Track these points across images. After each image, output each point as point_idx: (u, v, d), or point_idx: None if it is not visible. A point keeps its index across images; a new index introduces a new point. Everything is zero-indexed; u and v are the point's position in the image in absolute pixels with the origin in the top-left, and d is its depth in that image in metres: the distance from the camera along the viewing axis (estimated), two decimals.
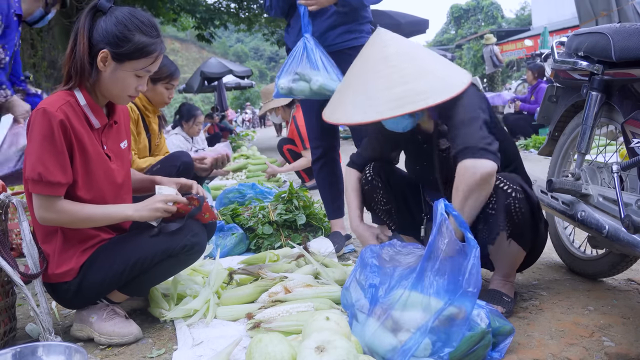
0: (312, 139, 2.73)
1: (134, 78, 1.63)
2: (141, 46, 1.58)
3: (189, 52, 69.42)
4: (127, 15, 1.59)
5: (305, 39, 2.34)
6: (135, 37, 1.58)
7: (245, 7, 12.24)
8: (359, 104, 1.70)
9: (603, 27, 1.75)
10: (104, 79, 1.61)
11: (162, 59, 3.02)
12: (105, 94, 1.66)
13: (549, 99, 2.23)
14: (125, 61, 1.59)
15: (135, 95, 1.68)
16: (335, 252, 2.54)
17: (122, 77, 1.61)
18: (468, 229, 1.46)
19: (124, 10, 1.60)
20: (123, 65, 1.59)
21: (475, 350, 1.35)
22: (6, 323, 1.69)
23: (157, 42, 1.63)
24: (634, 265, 2.03)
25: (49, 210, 1.56)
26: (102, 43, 1.57)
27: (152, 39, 1.61)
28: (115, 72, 1.60)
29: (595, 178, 1.86)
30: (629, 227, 1.46)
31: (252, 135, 11.49)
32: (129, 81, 1.63)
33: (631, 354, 1.45)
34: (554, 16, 22.47)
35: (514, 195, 1.63)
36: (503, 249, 1.70)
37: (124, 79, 1.61)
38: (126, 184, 1.82)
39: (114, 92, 1.65)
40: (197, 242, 1.76)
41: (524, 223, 1.66)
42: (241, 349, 1.55)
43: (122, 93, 1.65)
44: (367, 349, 1.42)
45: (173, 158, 2.67)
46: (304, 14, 2.36)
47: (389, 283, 1.48)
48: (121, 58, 1.58)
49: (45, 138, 1.52)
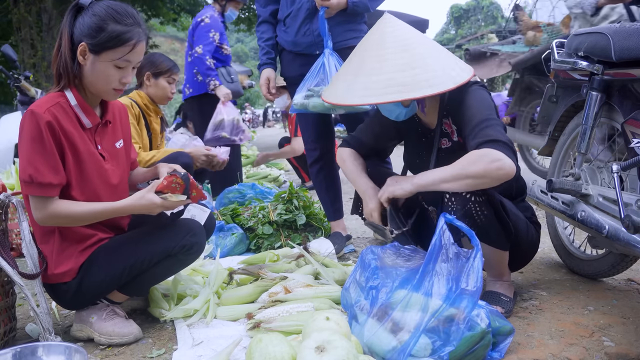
0: (308, 141, 2.69)
1: (114, 69, 1.61)
2: (115, 34, 1.57)
3: None
4: (103, 7, 1.59)
5: (325, 55, 2.32)
6: (109, 26, 1.57)
7: (245, 7, 12.23)
8: (343, 85, 1.69)
9: (603, 27, 1.75)
10: (86, 73, 1.61)
11: (159, 57, 2.99)
12: (91, 90, 1.65)
13: (549, 99, 2.23)
14: (102, 52, 1.58)
15: (122, 88, 1.66)
16: (335, 253, 2.54)
17: (102, 69, 1.60)
18: (472, 232, 1.47)
19: (101, 4, 1.60)
20: (100, 56, 1.58)
21: (475, 350, 1.35)
22: (6, 323, 1.69)
23: (132, 29, 1.60)
24: (634, 265, 2.03)
25: (44, 211, 1.56)
26: (80, 37, 1.58)
27: (127, 27, 1.59)
28: (95, 65, 1.59)
29: (595, 178, 1.86)
30: (629, 227, 1.46)
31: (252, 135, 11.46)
32: (109, 73, 1.61)
33: (631, 354, 1.45)
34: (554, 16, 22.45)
35: (473, 199, 1.62)
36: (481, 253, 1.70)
37: (104, 70, 1.60)
38: (122, 184, 1.80)
39: (98, 87, 1.63)
40: (196, 241, 1.76)
41: (488, 225, 1.64)
42: (241, 349, 1.55)
43: (106, 86, 1.63)
44: (367, 349, 1.42)
45: (172, 159, 2.67)
46: (322, 21, 2.32)
47: (389, 284, 1.48)
48: (97, 49, 1.57)
49: (34, 140, 1.52)
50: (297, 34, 2.44)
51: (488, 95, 1.74)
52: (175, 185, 1.66)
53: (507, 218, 1.68)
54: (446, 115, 1.83)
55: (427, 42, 1.76)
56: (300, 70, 2.44)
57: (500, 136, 1.57)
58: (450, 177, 1.59)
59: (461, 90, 1.72)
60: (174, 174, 1.67)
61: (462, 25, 42.14)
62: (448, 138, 1.85)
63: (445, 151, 1.85)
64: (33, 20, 7.66)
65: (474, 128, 1.62)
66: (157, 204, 1.62)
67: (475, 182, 1.56)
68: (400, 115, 1.81)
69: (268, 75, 2.56)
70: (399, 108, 1.78)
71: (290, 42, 2.49)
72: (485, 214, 1.63)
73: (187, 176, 1.69)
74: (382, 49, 1.68)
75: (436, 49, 1.77)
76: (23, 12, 7.59)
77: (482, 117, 1.63)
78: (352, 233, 3.01)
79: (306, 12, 2.40)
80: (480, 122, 1.62)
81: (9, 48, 4.14)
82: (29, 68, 7.44)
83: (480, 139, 1.58)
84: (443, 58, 1.73)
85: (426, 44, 1.74)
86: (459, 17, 42.82)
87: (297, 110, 2.39)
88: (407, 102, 1.74)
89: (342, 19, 2.43)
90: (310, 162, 2.71)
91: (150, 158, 2.71)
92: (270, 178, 5.33)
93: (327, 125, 2.67)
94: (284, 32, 2.53)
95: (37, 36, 7.67)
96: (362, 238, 2.99)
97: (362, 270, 1.61)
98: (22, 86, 4.14)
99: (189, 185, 1.69)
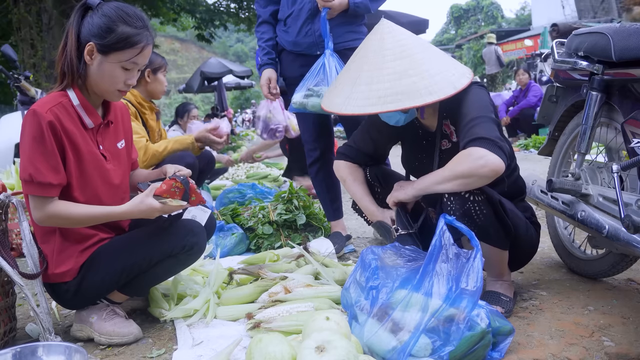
0: (308, 141, 2.69)
1: (121, 71, 1.62)
2: (124, 36, 1.57)
3: (189, 52, 69.42)
4: (112, 8, 1.59)
5: (325, 56, 2.31)
6: (119, 27, 1.57)
7: (245, 7, 12.22)
8: (343, 93, 1.70)
9: (603, 27, 1.75)
10: (92, 73, 1.61)
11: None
12: (95, 90, 1.65)
13: (549, 99, 2.23)
14: (110, 53, 1.58)
15: (126, 89, 1.67)
16: (335, 253, 2.54)
17: (108, 69, 1.60)
18: (471, 233, 1.47)
19: (110, 5, 1.61)
20: (108, 57, 1.59)
21: (475, 350, 1.35)
22: (6, 323, 1.69)
23: (141, 32, 1.61)
24: (634, 265, 2.03)
25: (43, 211, 1.56)
26: (88, 37, 1.58)
27: (137, 30, 1.60)
28: (102, 65, 1.59)
29: (595, 178, 1.86)
30: (629, 227, 1.46)
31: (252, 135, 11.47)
32: (116, 74, 1.61)
33: (631, 354, 1.45)
34: (554, 16, 22.47)
35: (472, 199, 1.62)
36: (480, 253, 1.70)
37: (110, 71, 1.60)
38: (123, 184, 1.81)
39: (103, 87, 1.64)
40: (196, 242, 1.76)
41: (487, 224, 1.64)
42: (241, 349, 1.55)
43: (111, 87, 1.64)
44: (367, 349, 1.42)
45: (177, 159, 2.67)
46: (324, 21, 2.31)
47: (390, 284, 1.48)
48: (106, 50, 1.58)
49: (35, 139, 1.52)
50: (299, 35, 2.44)
51: (486, 94, 1.74)
52: (175, 189, 1.65)
53: (506, 217, 1.68)
54: (445, 117, 1.83)
55: (425, 47, 1.76)
56: (301, 71, 2.44)
57: (487, 133, 1.57)
58: (442, 178, 1.61)
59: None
60: (174, 178, 1.66)
61: (462, 25, 42.11)
62: (448, 139, 1.85)
63: (445, 152, 1.85)
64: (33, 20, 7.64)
65: (464, 127, 1.64)
66: (156, 208, 1.62)
67: (465, 181, 1.57)
68: (400, 120, 1.81)
69: (269, 76, 2.55)
70: (399, 114, 1.78)
71: (291, 42, 2.49)
72: (484, 214, 1.63)
73: (187, 180, 1.69)
74: (380, 56, 1.69)
75: (434, 54, 1.77)
76: (23, 12, 7.58)
77: (472, 116, 1.64)
78: (352, 233, 3.01)
79: (308, 13, 2.40)
80: (469, 121, 1.63)
81: (9, 48, 4.14)
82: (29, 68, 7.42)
83: (467, 138, 1.59)
84: (442, 63, 1.73)
85: (424, 49, 1.74)
86: (459, 17, 42.79)
87: (296, 110, 2.39)
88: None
89: (343, 20, 2.43)
90: (310, 162, 2.71)
91: (164, 149, 2.75)
92: (270, 178, 5.33)
93: (326, 126, 2.67)
94: (285, 32, 2.52)
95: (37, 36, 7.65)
96: (362, 238, 2.99)
97: (363, 270, 1.61)
98: (22, 86, 4.13)
99: (189, 190, 1.69)
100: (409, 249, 1.67)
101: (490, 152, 1.52)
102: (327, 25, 2.34)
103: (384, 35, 1.73)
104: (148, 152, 2.69)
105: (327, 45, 2.35)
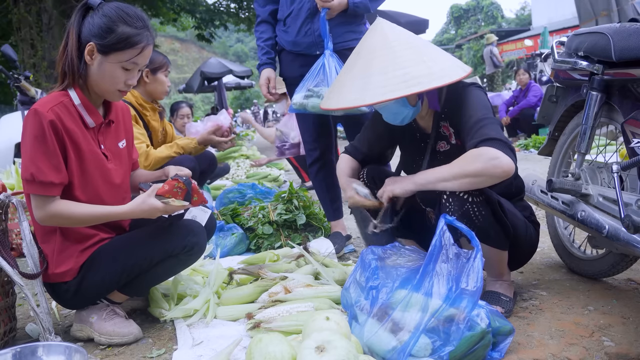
0: (308, 141, 2.68)
1: (121, 71, 1.62)
2: (125, 37, 1.58)
3: (189, 52, 69.43)
4: (113, 8, 1.60)
5: (325, 56, 2.31)
6: (120, 28, 1.57)
7: (245, 7, 12.23)
8: (355, 88, 1.68)
9: (603, 27, 1.75)
10: (93, 73, 1.61)
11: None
12: (96, 90, 1.65)
13: (549, 99, 2.23)
14: (110, 53, 1.58)
15: (126, 89, 1.67)
16: (335, 253, 2.54)
17: (108, 69, 1.60)
18: (472, 233, 1.47)
19: (111, 5, 1.61)
20: (109, 57, 1.59)
21: (475, 350, 1.35)
22: (6, 323, 1.69)
23: (142, 33, 1.61)
24: (634, 265, 2.03)
25: (45, 210, 1.56)
26: (89, 37, 1.58)
27: (137, 30, 1.60)
28: (102, 65, 1.60)
29: (595, 178, 1.86)
30: (629, 227, 1.46)
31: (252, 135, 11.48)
32: (116, 74, 1.61)
33: (631, 354, 1.45)
34: (554, 16, 22.48)
35: (471, 200, 1.62)
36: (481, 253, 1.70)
37: (110, 71, 1.61)
38: (125, 184, 1.81)
39: (103, 87, 1.64)
40: (197, 242, 1.76)
41: (486, 225, 1.64)
42: (241, 349, 1.55)
43: (112, 87, 1.64)
44: (367, 349, 1.42)
45: (175, 164, 2.65)
46: (323, 22, 2.31)
47: (390, 284, 1.48)
48: (106, 50, 1.58)
49: (37, 139, 1.52)
50: (298, 34, 2.44)
51: (485, 95, 1.75)
52: (177, 189, 1.66)
53: (505, 218, 1.68)
54: (444, 118, 1.83)
55: (424, 42, 1.77)
56: (300, 71, 2.44)
57: (497, 135, 1.57)
58: (449, 175, 1.59)
59: (458, 92, 1.74)
60: (176, 179, 1.67)
61: (462, 25, 42.13)
62: (446, 141, 1.85)
63: (443, 154, 1.84)
64: (33, 20, 7.64)
65: (472, 128, 1.63)
66: (158, 208, 1.62)
67: (473, 180, 1.56)
68: (407, 117, 1.78)
69: (268, 75, 2.55)
70: (407, 109, 1.75)
71: (291, 42, 2.48)
72: (483, 214, 1.63)
73: (189, 181, 1.69)
74: (389, 47, 1.68)
75: (434, 47, 1.79)
76: (23, 12, 7.58)
77: (478, 116, 1.64)
78: (352, 233, 3.00)
79: (307, 12, 2.39)
80: (477, 121, 1.63)
81: (9, 48, 4.14)
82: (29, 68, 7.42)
83: (477, 138, 1.58)
84: (444, 53, 1.76)
85: (425, 43, 1.76)
86: (459, 17, 42.80)
87: (296, 110, 2.39)
88: (414, 100, 1.74)
89: (343, 20, 2.43)
90: (310, 162, 2.71)
91: (166, 156, 2.70)
92: (270, 178, 5.33)
93: (327, 126, 2.67)
94: (284, 32, 2.51)
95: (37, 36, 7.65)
96: (362, 238, 2.99)
97: (362, 270, 1.61)
98: (22, 86, 4.14)
99: (191, 190, 1.69)
100: (409, 249, 1.67)
101: (504, 153, 1.52)
102: (326, 26, 2.34)
103: (385, 30, 1.73)
104: (149, 158, 2.65)
105: (327, 46, 2.34)
